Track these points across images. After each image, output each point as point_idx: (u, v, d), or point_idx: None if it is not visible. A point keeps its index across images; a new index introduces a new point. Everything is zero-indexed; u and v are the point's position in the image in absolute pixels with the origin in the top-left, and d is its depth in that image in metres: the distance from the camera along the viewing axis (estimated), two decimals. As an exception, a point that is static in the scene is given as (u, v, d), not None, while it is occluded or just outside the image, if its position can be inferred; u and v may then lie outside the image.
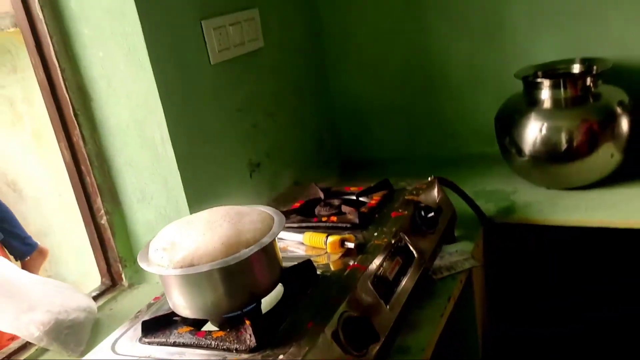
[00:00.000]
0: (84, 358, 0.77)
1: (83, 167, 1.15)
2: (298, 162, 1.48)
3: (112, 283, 1.23)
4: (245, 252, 0.70)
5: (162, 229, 0.79)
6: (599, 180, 1.27)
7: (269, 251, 0.75)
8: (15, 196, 2.66)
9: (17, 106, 2.43)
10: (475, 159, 1.55)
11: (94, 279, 1.26)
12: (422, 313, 0.96)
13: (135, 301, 1.16)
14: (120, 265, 1.22)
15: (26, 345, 1.05)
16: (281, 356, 0.67)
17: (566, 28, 1.39)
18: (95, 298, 1.18)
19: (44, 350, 1.03)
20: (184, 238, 0.73)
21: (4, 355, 1.02)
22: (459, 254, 1.11)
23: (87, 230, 1.23)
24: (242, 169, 1.28)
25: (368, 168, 1.63)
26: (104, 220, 1.18)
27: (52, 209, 2.58)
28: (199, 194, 1.14)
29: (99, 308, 1.14)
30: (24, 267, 2.20)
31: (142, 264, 0.73)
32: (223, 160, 1.23)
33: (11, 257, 2.08)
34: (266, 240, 0.72)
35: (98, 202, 1.17)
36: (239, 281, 0.72)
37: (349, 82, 1.64)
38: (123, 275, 1.22)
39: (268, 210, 0.81)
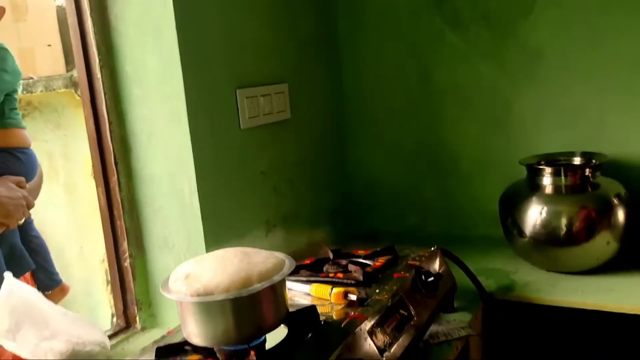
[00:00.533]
0: (99, 377, 0.84)
1: (115, 212, 1.26)
2: (312, 228, 1.57)
3: (126, 325, 1.30)
4: (257, 287, 0.78)
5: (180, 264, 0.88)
6: (597, 266, 1.33)
7: (277, 289, 0.82)
8: (40, 245, 2.76)
9: (55, 160, 2.59)
10: (480, 240, 1.62)
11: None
12: (417, 372, 1.01)
13: (148, 343, 1.22)
14: (136, 308, 1.29)
15: (40, 373, 1.11)
16: (280, 385, 0.74)
17: (570, 124, 1.50)
18: (109, 338, 1.24)
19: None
20: (201, 271, 0.82)
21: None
22: (456, 323, 1.17)
23: (110, 272, 1.31)
24: (259, 228, 1.38)
25: (377, 238, 1.71)
26: (127, 263, 1.27)
27: (72, 260, 2.67)
28: (218, 244, 1.23)
29: (112, 347, 1.21)
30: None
31: (164, 292, 0.81)
32: (243, 217, 1.33)
33: (35, 287, 2.18)
34: (277, 278, 0.81)
35: (124, 245, 1.27)
36: (248, 313, 0.80)
37: (365, 157, 1.76)
38: (137, 318, 1.29)
39: (279, 254, 0.89)
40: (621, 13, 1.40)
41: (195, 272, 0.82)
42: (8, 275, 1.11)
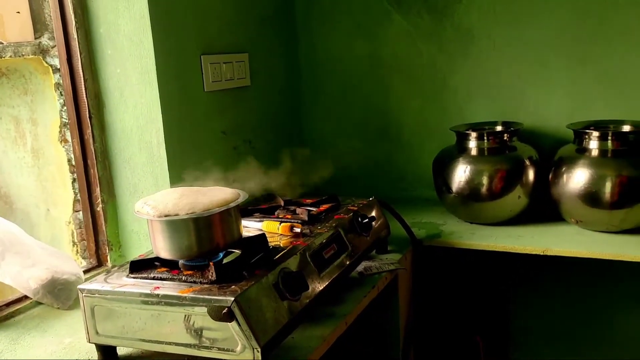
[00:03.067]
0: (80, 286, 0.99)
1: (89, 161, 1.40)
2: (268, 185, 1.74)
3: (98, 263, 1.46)
4: (216, 210, 0.95)
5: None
6: (510, 218, 1.55)
7: (233, 214, 1.00)
8: (6, 208, 2.85)
9: (22, 125, 2.68)
10: (417, 200, 1.82)
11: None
12: (350, 294, 1.20)
13: (117, 278, 1.38)
14: (107, 248, 1.44)
15: (21, 300, 1.26)
16: (233, 286, 0.91)
17: (495, 97, 1.71)
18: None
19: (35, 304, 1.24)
20: (167, 199, 0.98)
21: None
22: (388, 260, 1.37)
23: (83, 215, 1.46)
24: (221, 179, 1.54)
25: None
26: (99, 208, 1.42)
27: (39, 222, 2.78)
28: (182, 191, 1.39)
29: (85, 280, 1.36)
30: None
31: (138, 214, 0.98)
32: (206, 169, 1.49)
33: None
34: (233, 204, 0.98)
35: (97, 191, 1.41)
36: (208, 232, 0.97)
37: (318, 125, 1.93)
38: (108, 258, 1.45)
39: (237, 190, 1.06)
40: (540, -3, 1.61)
41: (162, 199, 0.98)
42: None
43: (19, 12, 2.66)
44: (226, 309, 0.86)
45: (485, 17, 1.67)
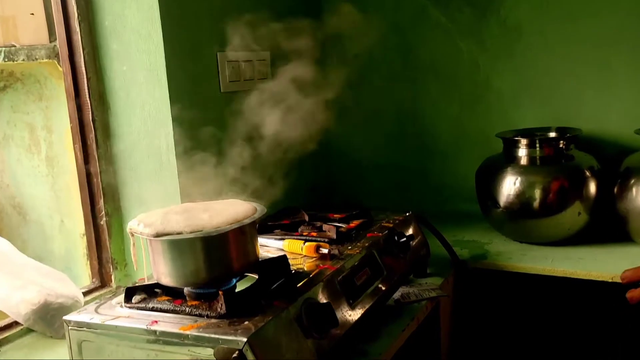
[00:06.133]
0: (66, 317, 0.84)
1: (92, 169, 1.26)
2: (290, 197, 1.57)
3: (101, 284, 1.30)
4: (227, 227, 0.79)
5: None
6: (567, 237, 1.35)
7: (247, 233, 0.83)
8: (20, 219, 2.75)
9: (36, 132, 2.57)
10: (457, 214, 1.63)
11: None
12: (386, 328, 1.02)
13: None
14: (111, 267, 1.29)
15: (11, 326, 1.11)
16: (246, 322, 0.74)
17: (546, 100, 1.52)
18: (83, 295, 1.24)
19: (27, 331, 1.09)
20: (167, 216, 0.82)
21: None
22: (428, 285, 1.18)
23: (85, 230, 1.31)
24: (236, 192, 1.38)
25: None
26: (103, 221, 1.28)
27: (52, 234, 2.66)
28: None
29: (85, 303, 1.20)
30: None
31: (133, 232, 0.82)
32: (219, 178, 1.33)
33: None
34: (247, 221, 0.81)
35: (100, 203, 1.27)
36: (217, 254, 0.80)
37: (347, 135, 1.76)
38: (113, 277, 1.30)
39: (253, 203, 0.90)
40: (599, -10, 1.42)
41: (163, 214, 0.82)
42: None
43: (33, 14, 2.54)
44: (237, 352, 0.69)
45: (536, 11, 1.49)
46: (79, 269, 2.67)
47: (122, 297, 0.86)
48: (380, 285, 1.01)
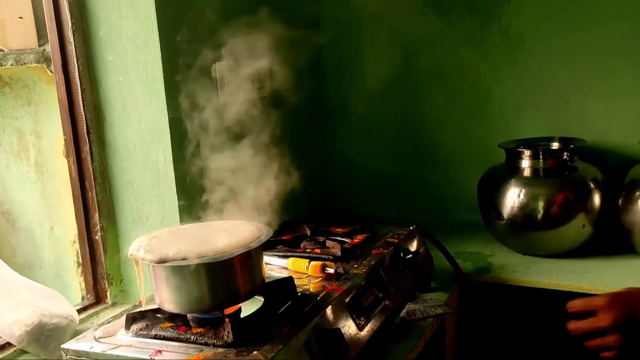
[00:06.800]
0: (64, 345, 0.80)
1: (87, 183, 1.22)
2: (288, 208, 1.54)
3: (96, 300, 1.27)
4: (233, 252, 0.76)
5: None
6: (572, 249, 1.33)
7: (253, 257, 0.80)
8: (8, 226, 2.69)
9: (25, 137, 2.51)
10: (459, 225, 1.61)
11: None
12: (394, 347, 1.00)
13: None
14: (106, 283, 1.25)
15: (4, 347, 1.07)
16: (255, 352, 0.71)
17: (550, 110, 1.50)
18: (78, 312, 1.20)
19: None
20: (170, 239, 0.79)
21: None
22: (433, 301, 1.16)
23: (79, 245, 1.28)
24: (235, 202, 1.35)
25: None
26: (98, 236, 1.24)
27: (42, 241, 2.60)
28: (192, 219, 1.20)
29: (80, 321, 1.17)
30: None
31: (134, 257, 0.78)
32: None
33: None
34: (253, 245, 0.78)
35: (95, 217, 1.23)
36: (223, 280, 0.77)
37: (346, 146, 1.73)
38: (108, 293, 1.26)
39: (258, 224, 0.87)
40: (602, -2, 1.41)
41: (165, 238, 0.79)
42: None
43: (21, 18, 2.48)
44: (246, 386, 0.66)
45: (538, 19, 1.47)
46: (69, 277, 2.61)
47: (121, 320, 0.82)
48: (387, 305, 0.98)
